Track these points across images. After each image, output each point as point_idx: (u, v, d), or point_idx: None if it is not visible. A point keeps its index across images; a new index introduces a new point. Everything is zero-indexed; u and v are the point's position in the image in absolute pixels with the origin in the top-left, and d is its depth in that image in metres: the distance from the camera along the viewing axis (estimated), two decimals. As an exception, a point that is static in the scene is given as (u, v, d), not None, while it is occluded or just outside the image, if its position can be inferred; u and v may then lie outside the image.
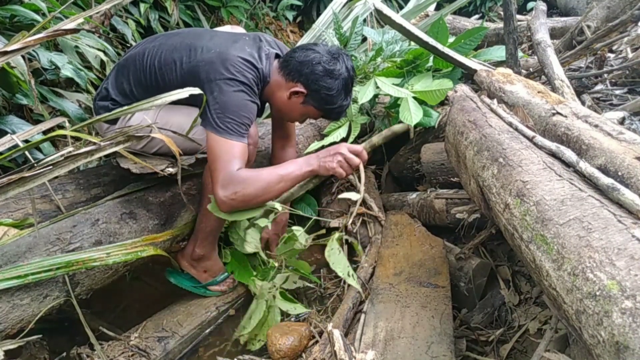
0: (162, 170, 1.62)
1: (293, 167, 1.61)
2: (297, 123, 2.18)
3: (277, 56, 1.78)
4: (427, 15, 3.96)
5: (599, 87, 2.56)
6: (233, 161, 1.53)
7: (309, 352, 1.62)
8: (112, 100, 1.73)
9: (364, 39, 2.89)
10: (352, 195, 1.71)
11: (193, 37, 1.72)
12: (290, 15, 4.89)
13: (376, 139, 1.87)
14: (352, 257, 2.14)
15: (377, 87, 2.24)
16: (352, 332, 1.66)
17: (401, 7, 5.17)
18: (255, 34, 1.82)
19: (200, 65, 1.60)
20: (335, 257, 1.63)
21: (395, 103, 2.38)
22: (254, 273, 2.01)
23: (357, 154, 1.64)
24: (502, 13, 2.39)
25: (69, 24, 1.29)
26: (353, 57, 2.50)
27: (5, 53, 1.22)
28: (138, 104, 1.39)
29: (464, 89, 1.90)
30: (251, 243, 1.84)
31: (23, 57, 1.76)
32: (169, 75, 1.65)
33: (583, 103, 2.32)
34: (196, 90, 1.40)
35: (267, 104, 1.88)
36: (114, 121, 1.76)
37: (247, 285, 1.99)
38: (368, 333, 1.54)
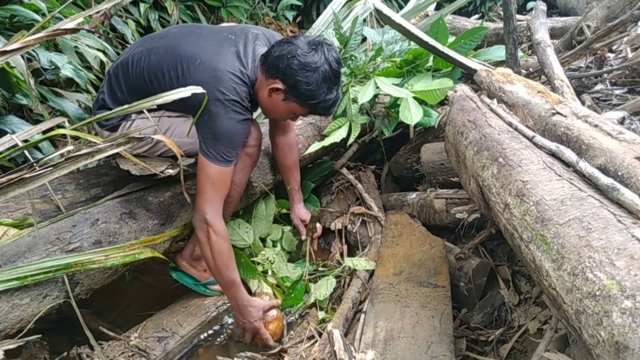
0: (161, 172, 1.62)
1: (236, 294, 1.71)
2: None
3: None
4: (427, 15, 3.95)
5: (598, 87, 2.56)
6: (219, 196, 1.63)
7: (309, 352, 1.62)
8: (110, 110, 1.71)
9: (364, 39, 2.88)
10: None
11: (178, 40, 1.67)
12: (290, 15, 4.88)
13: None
14: (352, 255, 2.14)
15: (377, 87, 2.24)
16: (352, 332, 1.66)
17: (401, 7, 5.17)
18: (247, 28, 1.76)
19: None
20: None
21: (395, 103, 2.37)
22: (259, 270, 2.03)
23: (266, 340, 1.74)
24: (502, 13, 2.39)
25: (69, 24, 1.28)
26: (353, 57, 2.50)
27: (5, 53, 1.22)
28: (139, 103, 1.39)
29: (464, 89, 1.90)
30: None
31: (23, 57, 1.76)
32: (162, 88, 1.59)
33: (583, 103, 2.32)
34: (198, 89, 1.39)
35: None
36: (114, 128, 1.77)
37: (247, 282, 1.99)
38: (368, 333, 1.54)
